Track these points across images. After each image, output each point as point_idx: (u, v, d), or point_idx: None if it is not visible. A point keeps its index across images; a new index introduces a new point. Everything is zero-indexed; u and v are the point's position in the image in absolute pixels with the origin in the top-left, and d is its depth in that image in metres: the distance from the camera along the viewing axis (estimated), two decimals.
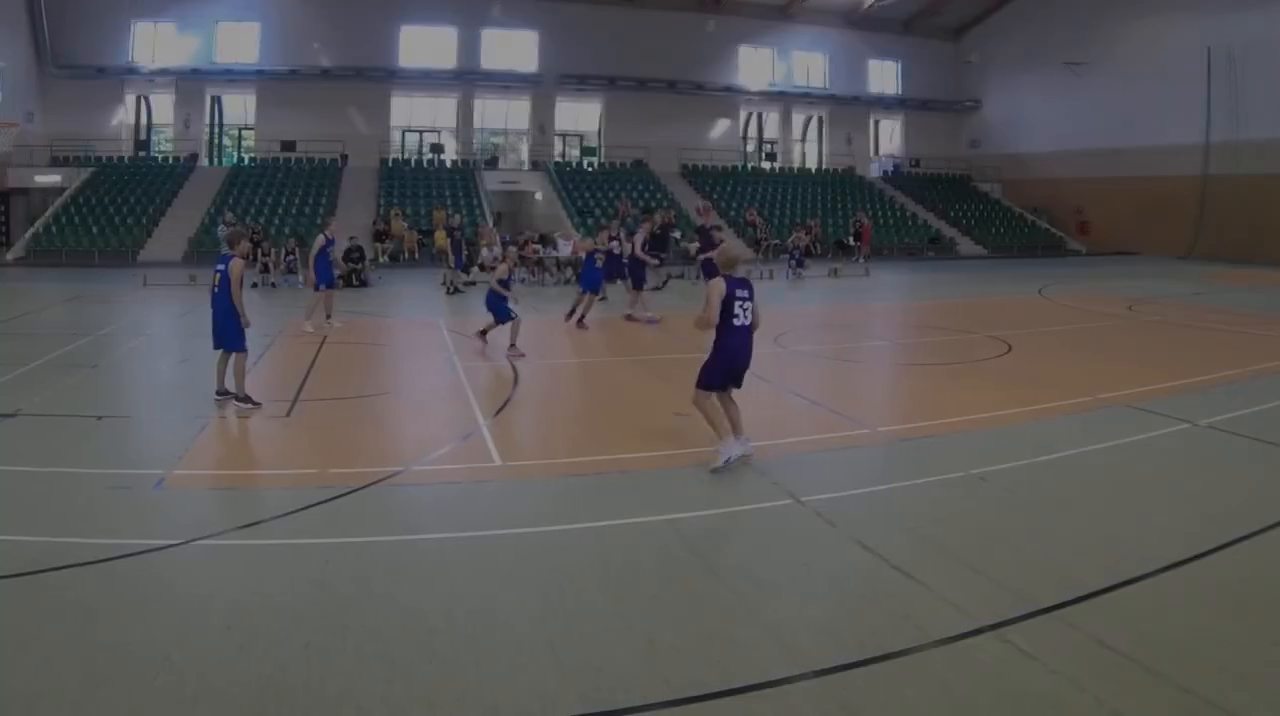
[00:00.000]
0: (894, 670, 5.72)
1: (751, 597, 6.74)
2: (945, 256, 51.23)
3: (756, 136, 62.05)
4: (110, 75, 50.09)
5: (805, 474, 9.93)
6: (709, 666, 5.73)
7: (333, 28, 51.76)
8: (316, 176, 49.22)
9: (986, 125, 63.27)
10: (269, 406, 12.93)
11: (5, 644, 5.82)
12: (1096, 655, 5.88)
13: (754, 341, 10.39)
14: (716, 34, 56.84)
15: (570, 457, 10.54)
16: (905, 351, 19.11)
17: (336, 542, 7.77)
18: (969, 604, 6.60)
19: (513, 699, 5.34)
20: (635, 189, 51.46)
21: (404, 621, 6.31)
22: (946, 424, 12.15)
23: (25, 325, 20.99)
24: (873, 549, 7.64)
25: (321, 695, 5.35)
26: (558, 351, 17.43)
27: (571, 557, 7.50)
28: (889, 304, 29.89)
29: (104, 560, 7.23)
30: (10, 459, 10.08)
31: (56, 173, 47.00)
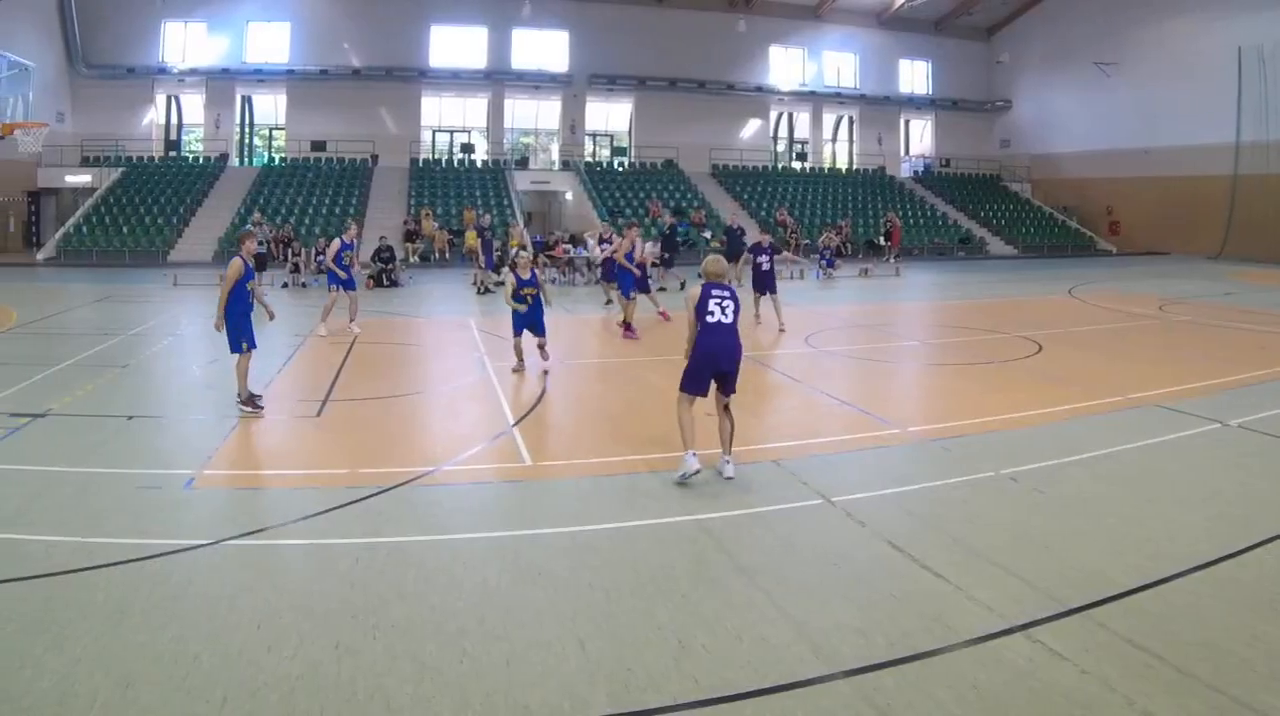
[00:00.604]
0: (924, 670, 5.71)
1: (781, 598, 6.72)
2: (975, 256, 51.03)
3: (787, 136, 61.86)
4: (140, 75, 50.34)
5: (835, 474, 9.93)
6: (739, 666, 5.73)
7: (363, 27, 52.01)
8: (347, 177, 49.40)
9: (1017, 125, 62.91)
10: (299, 406, 13.04)
11: (36, 643, 5.85)
12: (1127, 655, 5.87)
13: (738, 341, 10.08)
14: (747, 34, 56.69)
15: (600, 457, 10.54)
16: (935, 351, 19.03)
17: (366, 542, 7.79)
18: (999, 604, 6.60)
19: (543, 698, 5.35)
20: (666, 189, 51.51)
21: (434, 621, 6.33)
22: (977, 424, 12.13)
23: (55, 325, 21.11)
24: (903, 549, 7.64)
25: (352, 694, 5.37)
26: (587, 351, 17.44)
27: (602, 558, 7.50)
28: (919, 304, 29.78)
29: (134, 560, 7.28)
30: (41, 459, 10.14)
31: (87, 173, 47.28)
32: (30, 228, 47.25)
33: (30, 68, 18.51)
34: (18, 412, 12.08)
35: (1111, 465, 10.34)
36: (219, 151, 51.54)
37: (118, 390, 14.09)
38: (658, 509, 8.69)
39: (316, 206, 45.34)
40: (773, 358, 17.45)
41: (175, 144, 53.21)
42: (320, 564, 7.44)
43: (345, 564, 7.32)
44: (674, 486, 9.37)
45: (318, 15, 51.74)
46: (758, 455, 10.61)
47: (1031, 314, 24.62)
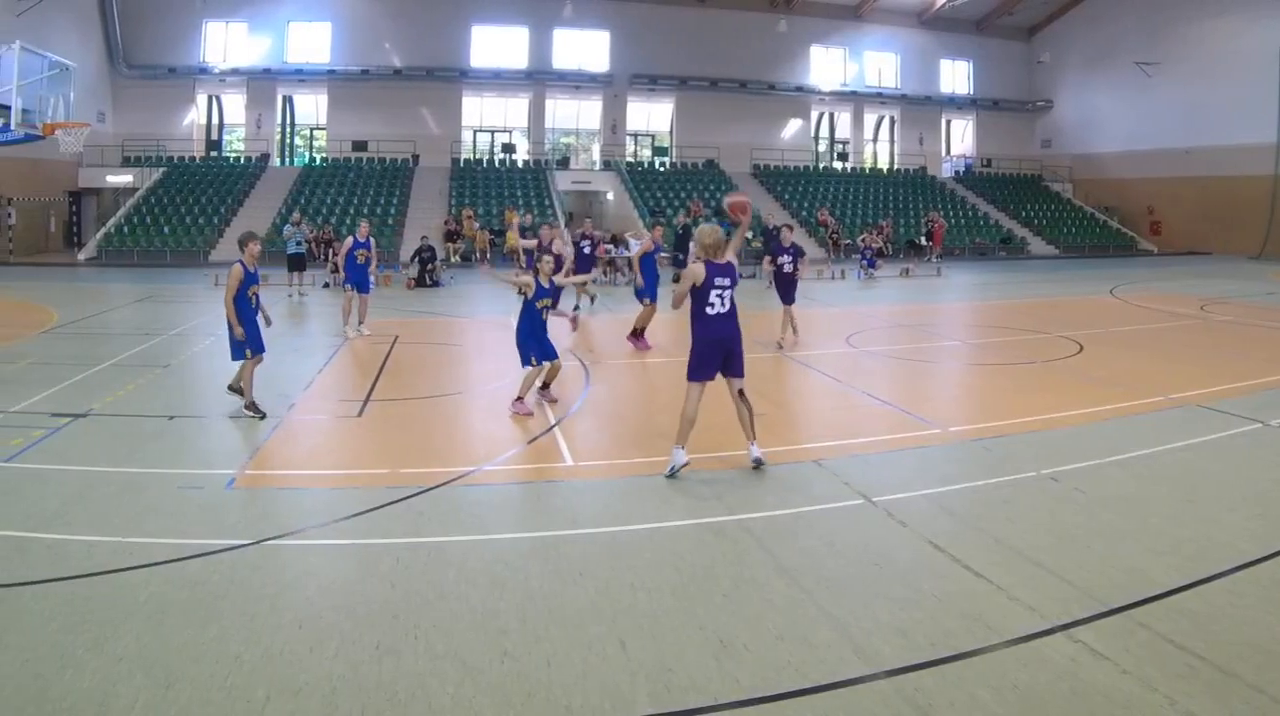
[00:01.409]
0: (965, 670, 5.70)
1: (823, 598, 6.71)
2: (1017, 256, 50.90)
3: (828, 136, 61.81)
4: (181, 75, 50.85)
5: (876, 474, 9.91)
6: (780, 666, 5.73)
7: (404, 27, 52.30)
8: (388, 177, 49.65)
9: (1058, 125, 62.62)
10: (340, 406, 13.12)
11: (77, 643, 5.88)
12: (1168, 655, 5.85)
13: (737, 325, 10.09)
14: (788, 34, 56.60)
15: (642, 457, 10.55)
16: (976, 351, 19.00)
17: (408, 542, 7.81)
18: (1040, 603, 6.59)
19: (584, 699, 5.35)
20: (707, 189, 51.44)
21: (475, 621, 6.34)
22: (1018, 424, 12.09)
23: (96, 325, 21.27)
24: (944, 549, 7.63)
25: (393, 694, 5.37)
26: (627, 351, 17.43)
27: (643, 558, 7.50)
28: (960, 304, 29.69)
29: (175, 560, 7.31)
30: (82, 458, 10.21)
31: (128, 173, 47.70)
32: (71, 228, 47.71)
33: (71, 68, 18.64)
34: (59, 412, 12.16)
35: (1152, 465, 10.30)
36: (260, 151, 51.93)
37: (159, 390, 14.16)
38: (700, 509, 8.69)
39: (357, 206, 45.53)
40: (814, 358, 17.44)
41: (216, 144, 53.65)
42: (361, 564, 7.46)
43: (386, 564, 7.33)
44: (713, 487, 9.35)
45: (358, 15, 52.05)
46: (799, 455, 10.62)
47: (1073, 314, 24.52)
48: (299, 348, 17.17)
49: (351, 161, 51.26)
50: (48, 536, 7.73)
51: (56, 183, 45.18)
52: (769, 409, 12.87)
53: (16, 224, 40.96)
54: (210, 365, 15.73)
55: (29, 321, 21.07)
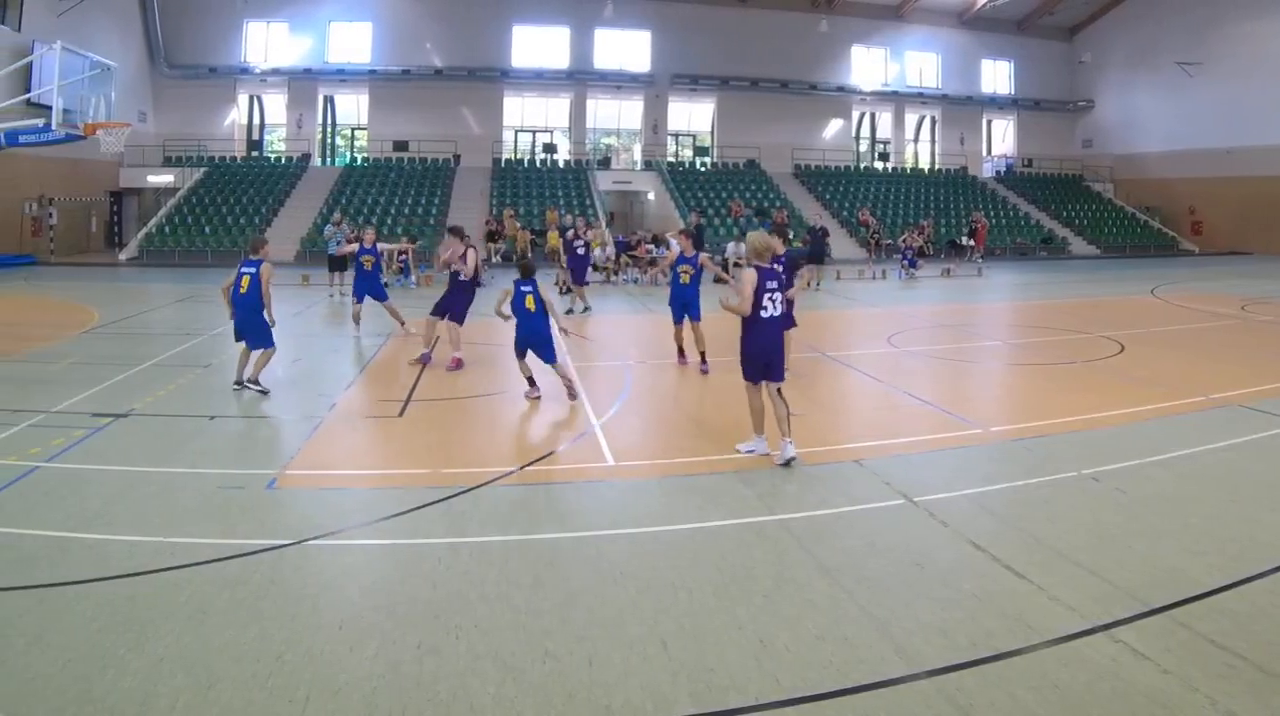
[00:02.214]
0: (1006, 670, 5.69)
1: (863, 598, 6.70)
2: (1058, 256, 50.73)
3: (869, 136, 61.70)
4: (222, 75, 51.37)
5: (917, 474, 9.87)
6: (821, 666, 5.72)
7: (445, 28, 52.63)
8: (429, 177, 49.88)
9: (1099, 125, 62.30)
10: (381, 406, 13.17)
11: (118, 643, 5.91)
12: (1209, 655, 5.82)
13: (781, 333, 10.62)
14: (829, 34, 56.65)
15: (683, 457, 10.52)
16: (1017, 351, 18.89)
17: (449, 542, 7.82)
18: (1081, 603, 6.57)
19: (625, 699, 5.36)
20: (748, 189, 51.59)
21: (517, 621, 6.34)
22: (1058, 424, 12.02)
23: (138, 325, 21.42)
24: (985, 549, 7.61)
25: (434, 694, 5.38)
26: (668, 351, 17.43)
27: (684, 557, 7.49)
28: (1001, 304, 29.60)
29: (216, 560, 7.34)
30: (123, 458, 10.27)
31: (169, 173, 48.13)
32: (112, 227, 48.14)
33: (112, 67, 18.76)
34: (100, 413, 12.22)
35: (1194, 465, 10.24)
36: (301, 151, 52.33)
37: (200, 390, 14.20)
38: (740, 509, 8.67)
39: (399, 207, 45.82)
40: (855, 358, 17.39)
41: (257, 144, 54.10)
42: (403, 564, 7.47)
43: (428, 564, 7.35)
44: (754, 486, 9.34)
45: (399, 15, 52.38)
46: (840, 455, 10.59)
47: (1114, 314, 24.38)
48: (339, 348, 17.24)
49: (393, 161, 51.54)
50: (89, 536, 7.75)
51: (98, 183, 45.61)
52: (810, 409, 12.85)
53: (58, 224, 41.37)
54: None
55: (70, 321, 21.22)
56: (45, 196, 40.74)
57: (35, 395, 13.20)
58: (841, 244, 45.84)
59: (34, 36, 35.56)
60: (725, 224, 45.92)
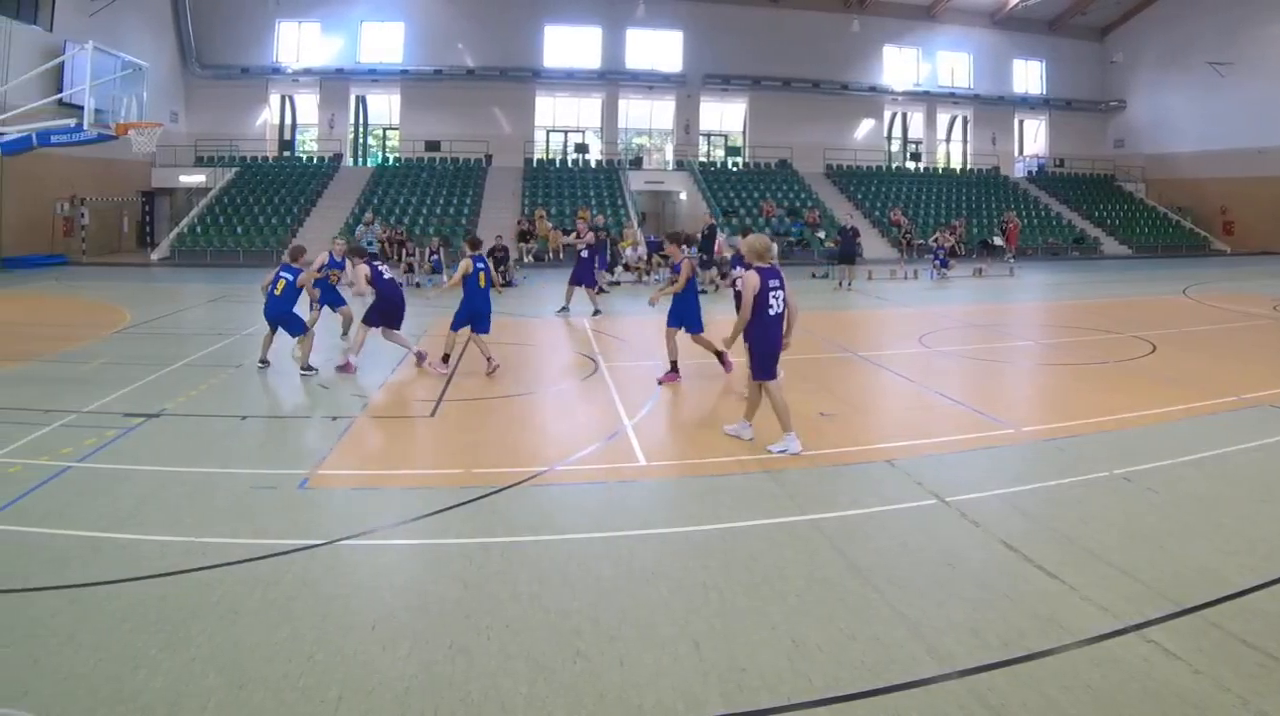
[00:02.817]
0: (1038, 670, 5.67)
1: (895, 597, 6.69)
2: (1089, 256, 50.45)
3: (901, 136, 61.57)
4: (254, 75, 51.63)
5: (949, 474, 9.86)
6: (852, 666, 5.71)
7: (477, 28, 52.74)
8: (461, 177, 49.96)
9: (1131, 125, 61.92)
10: (414, 406, 13.21)
11: (150, 643, 5.92)
12: (1241, 655, 5.80)
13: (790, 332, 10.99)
14: (861, 34, 56.53)
15: (714, 457, 10.49)
16: (1049, 351, 18.81)
17: (481, 542, 7.82)
18: (1113, 603, 6.55)
19: (656, 699, 5.36)
20: (780, 189, 51.63)
21: (548, 621, 6.35)
22: (1090, 424, 11.98)
23: (169, 325, 21.53)
24: (1017, 549, 7.58)
25: (466, 694, 5.39)
26: (699, 350, 17.39)
27: (716, 558, 7.47)
28: (1033, 304, 29.51)
29: (248, 560, 7.35)
30: (155, 458, 10.29)
31: (200, 173, 48.37)
32: (144, 228, 48.39)
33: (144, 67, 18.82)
34: (132, 413, 12.26)
35: (1226, 465, 10.21)
36: (333, 151, 52.52)
37: (231, 390, 14.26)
38: (772, 509, 8.66)
39: (430, 206, 45.91)
40: (887, 358, 17.36)
41: (289, 144, 54.32)
42: (434, 564, 7.49)
43: (459, 564, 7.35)
44: (786, 486, 9.33)
45: (431, 15, 52.52)
46: (872, 455, 10.58)
47: (1145, 314, 24.24)
48: (372, 348, 17.24)
49: (424, 161, 51.68)
50: (121, 536, 7.78)
51: (129, 183, 45.87)
52: (842, 409, 12.92)
53: (90, 224, 41.61)
54: (282, 365, 15.85)
55: (102, 321, 21.33)
56: (77, 196, 40.98)
57: (67, 395, 13.25)
58: (873, 244, 45.70)
59: (66, 36, 35.76)
60: (757, 224, 45.84)
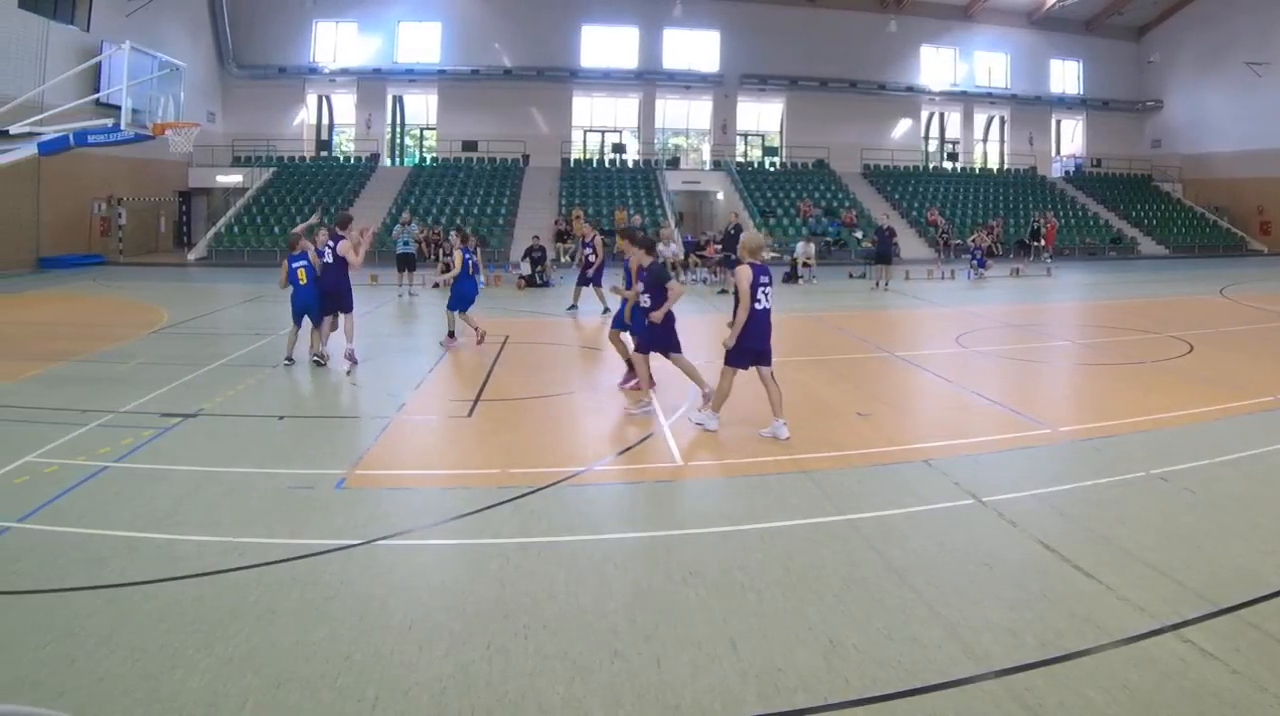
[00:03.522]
0: (1075, 670, 5.65)
1: (932, 597, 6.67)
2: (1126, 256, 50.23)
3: (938, 136, 61.43)
4: (291, 75, 51.94)
5: (986, 474, 9.83)
6: (889, 666, 5.69)
7: (514, 28, 52.93)
8: (498, 177, 50.16)
9: (1168, 125, 61.54)
10: (451, 406, 13.21)
11: (187, 644, 5.93)
12: (1278, 655, 5.78)
13: (774, 326, 11.53)
14: (898, 34, 56.38)
15: (751, 457, 10.49)
16: (1086, 351, 18.73)
17: (518, 542, 7.82)
18: (1150, 603, 6.53)
19: (693, 698, 5.35)
20: (817, 189, 51.65)
21: (585, 621, 6.35)
22: (1127, 424, 11.95)
23: (206, 325, 21.66)
24: (1054, 549, 7.56)
25: (503, 694, 5.39)
26: None
27: (752, 557, 7.46)
28: (1070, 304, 29.43)
29: (285, 560, 7.37)
30: (192, 458, 10.31)
31: (237, 173, 48.69)
32: (181, 227, 48.72)
33: (181, 68, 18.88)
34: (169, 412, 12.31)
35: (1262, 465, 10.16)
36: (370, 151, 52.80)
37: (269, 390, 14.29)
38: (809, 509, 8.64)
39: (467, 206, 46.12)
40: (924, 358, 17.35)
41: (326, 144, 54.68)
42: (471, 564, 7.49)
43: (496, 564, 7.35)
44: (823, 486, 9.32)
45: (468, 16, 52.74)
46: (909, 455, 10.56)
47: (1182, 314, 24.18)
48: (408, 347, 17.31)
49: (461, 161, 51.89)
50: (158, 536, 7.80)
51: (166, 183, 46.22)
52: (879, 409, 12.92)
53: (127, 224, 42.00)
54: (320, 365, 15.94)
55: (140, 321, 21.49)
56: (114, 196, 41.35)
57: (104, 395, 13.33)
58: (910, 244, 45.69)
59: (103, 36, 35.93)
60: (794, 224, 45.91)
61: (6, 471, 9.60)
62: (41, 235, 36.83)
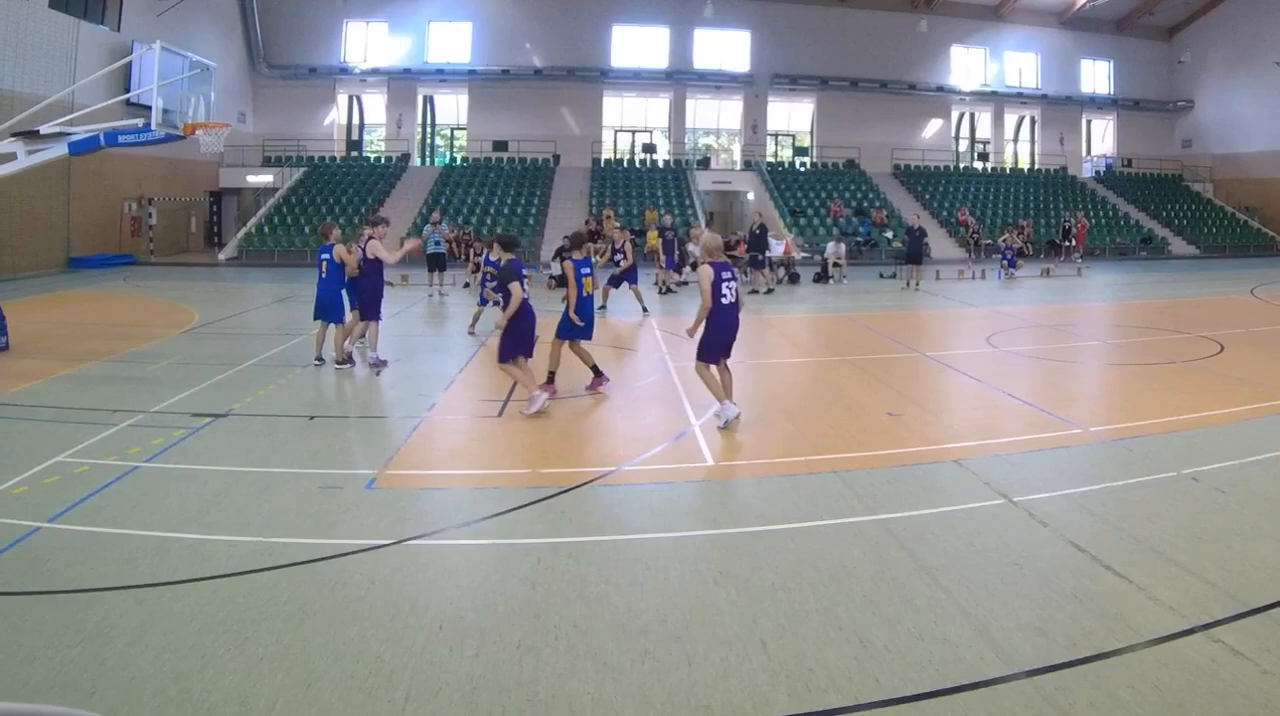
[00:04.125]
0: (1106, 670, 5.63)
1: (963, 597, 6.66)
2: (1157, 256, 49.94)
3: (969, 136, 61.23)
4: (322, 75, 52.13)
5: (1017, 474, 9.78)
6: (920, 666, 5.68)
7: (544, 28, 53.00)
8: (528, 177, 50.20)
9: (1199, 125, 61.16)
10: (481, 406, 13.22)
11: (218, 643, 5.96)
12: None
13: (738, 317, 11.98)
14: (928, 34, 56.34)
15: (782, 458, 10.49)
16: (1116, 351, 18.65)
17: (548, 542, 7.83)
18: (1180, 603, 6.50)
19: (724, 698, 5.34)
20: (848, 189, 51.63)
21: (616, 621, 6.35)
22: (1158, 424, 11.90)
23: (237, 325, 21.74)
24: (1084, 549, 7.54)
25: (534, 694, 5.39)
26: (768, 351, 17.34)
27: (783, 557, 7.45)
28: (1100, 304, 29.25)
29: (316, 560, 7.40)
30: (222, 458, 10.37)
31: (268, 173, 48.94)
32: (212, 227, 48.98)
33: (212, 68, 18.97)
34: (200, 413, 12.37)
35: None
36: (400, 151, 52.99)
37: (299, 390, 14.34)
38: (840, 509, 8.63)
39: (498, 207, 46.18)
40: (955, 358, 17.32)
41: (357, 144, 54.80)
42: (502, 564, 7.49)
43: (527, 564, 7.35)
44: (854, 487, 9.30)
45: (499, 16, 52.86)
46: (940, 455, 10.54)
47: (1213, 314, 24.06)
48: (438, 347, 17.34)
49: (492, 161, 51.99)
50: (188, 536, 7.83)
51: (197, 183, 46.49)
52: (910, 409, 12.88)
53: (158, 224, 42.29)
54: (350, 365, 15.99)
55: (170, 321, 21.61)
56: (145, 196, 41.63)
57: (135, 395, 13.41)
58: (941, 244, 45.65)
59: (133, 36, 36.25)
60: (825, 224, 45.92)
61: (37, 471, 9.66)
62: (72, 235, 37.08)
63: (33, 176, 22.09)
